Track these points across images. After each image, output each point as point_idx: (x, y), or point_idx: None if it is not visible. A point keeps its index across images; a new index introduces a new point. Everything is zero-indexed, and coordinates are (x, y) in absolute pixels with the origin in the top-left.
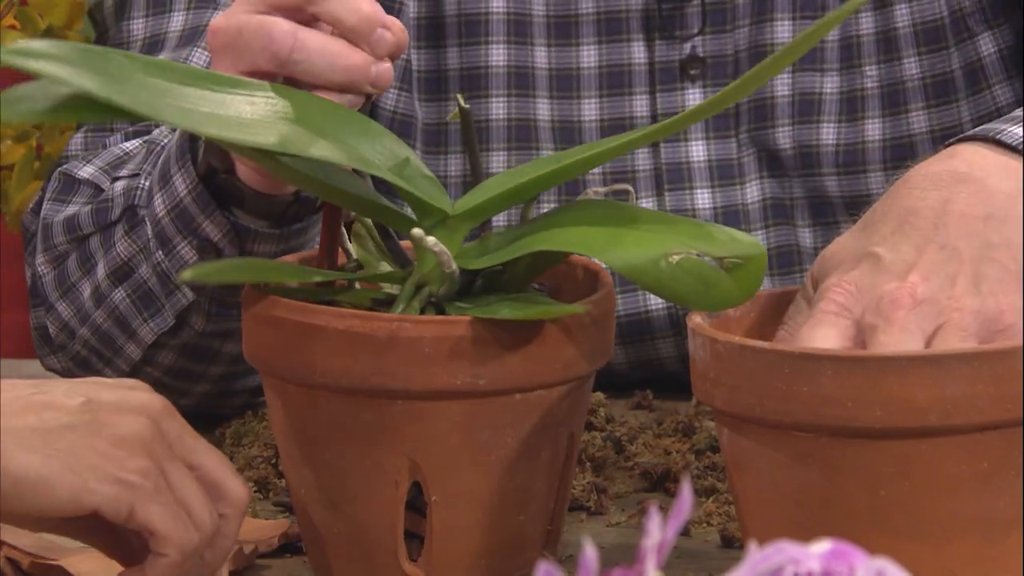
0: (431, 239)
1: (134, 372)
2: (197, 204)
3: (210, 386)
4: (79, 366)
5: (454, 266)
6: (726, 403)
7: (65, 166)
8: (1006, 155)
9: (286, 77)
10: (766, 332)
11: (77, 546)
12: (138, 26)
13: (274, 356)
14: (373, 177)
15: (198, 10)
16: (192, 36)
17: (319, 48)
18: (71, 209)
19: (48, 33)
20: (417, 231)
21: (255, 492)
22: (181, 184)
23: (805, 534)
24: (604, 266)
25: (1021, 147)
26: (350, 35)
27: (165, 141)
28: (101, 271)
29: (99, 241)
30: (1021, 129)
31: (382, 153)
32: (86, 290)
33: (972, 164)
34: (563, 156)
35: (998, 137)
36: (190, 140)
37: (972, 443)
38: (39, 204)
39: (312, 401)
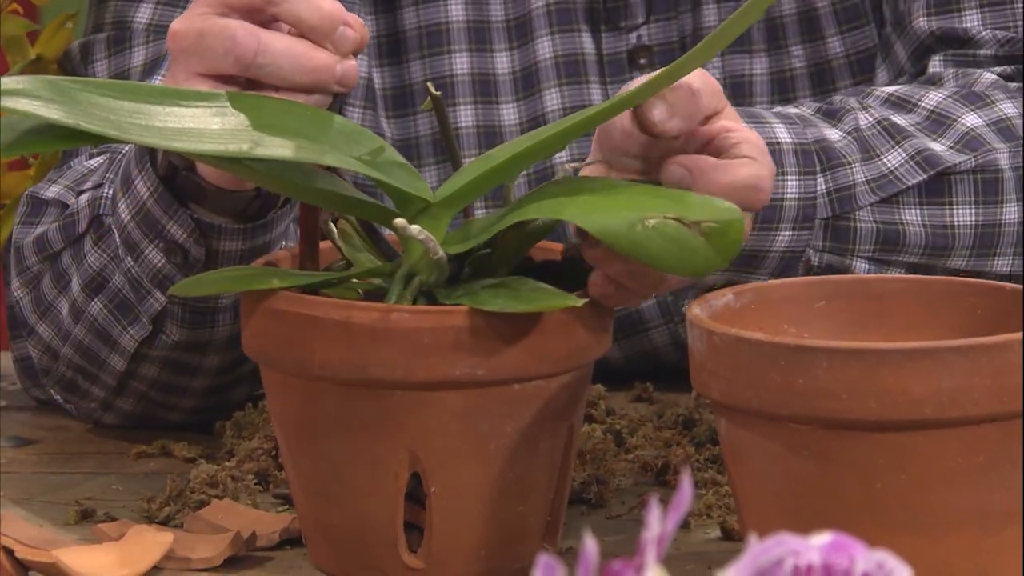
0: (415, 227)
1: (120, 387)
2: (160, 205)
3: (196, 400)
4: (66, 389)
5: (441, 252)
6: (723, 395)
7: (31, 189)
8: None
9: (248, 80)
10: (766, 324)
11: (74, 539)
12: (102, 67)
13: (272, 348)
14: (363, 178)
15: (157, 42)
16: (154, 67)
17: (283, 50)
18: (40, 229)
19: (36, 62)
20: (400, 220)
21: (255, 484)
22: (142, 187)
23: (802, 526)
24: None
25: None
26: (312, 34)
27: (126, 149)
28: (76, 286)
29: (71, 256)
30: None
31: (356, 148)
32: (64, 307)
33: None
34: (534, 135)
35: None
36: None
37: (968, 436)
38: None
39: (311, 393)
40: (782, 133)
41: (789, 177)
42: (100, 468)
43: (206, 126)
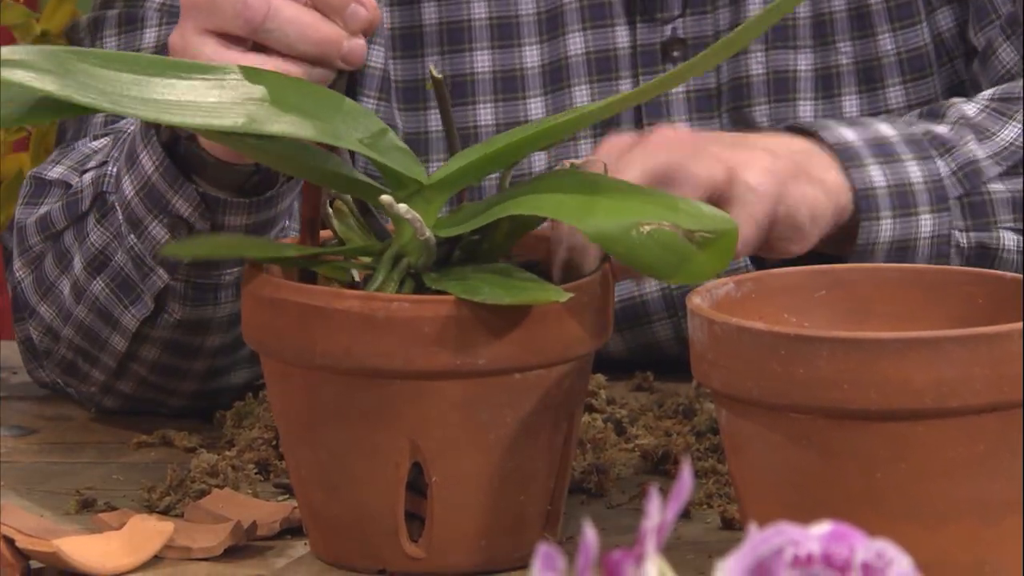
0: (402, 206)
1: (120, 369)
2: (165, 179)
3: (196, 384)
4: (67, 372)
5: (428, 233)
6: (724, 384)
7: (35, 170)
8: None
9: (256, 43)
10: (766, 313)
11: (74, 528)
12: (111, 44)
13: (273, 337)
14: (360, 158)
15: (170, 24)
16: (165, 50)
17: (292, 18)
18: (43, 210)
19: (41, 38)
20: (386, 197)
21: (256, 474)
22: (147, 161)
23: (802, 515)
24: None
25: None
26: (323, 7)
27: (131, 128)
28: (78, 265)
29: (73, 235)
30: (845, 130)
31: (355, 128)
32: (65, 287)
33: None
34: (540, 123)
35: (821, 133)
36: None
37: (969, 425)
38: (13, 218)
39: (312, 382)
40: (886, 129)
41: (908, 163)
42: (101, 457)
43: (203, 99)
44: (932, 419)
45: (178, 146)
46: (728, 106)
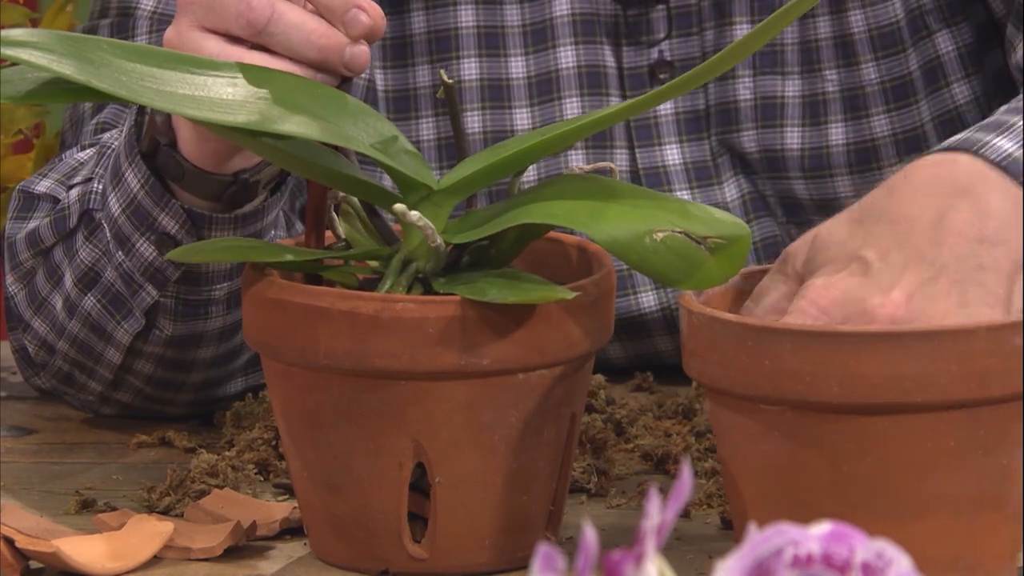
0: (414, 214)
1: (117, 381)
2: (151, 196)
3: (193, 395)
4: (63, 382)
5: (439, 240)
6: (701, 374)
7: (23, 183)
8: (997, 171)
9: (256, 44)
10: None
11: (74, 529)
12: None
13: (276, 338)
14: (364, 158)
15: (160, 32)
16: None
17: (296, 23)
18: (32, 224)
19: None
20: (400, 206)
21: (255, 474)
22: (133, 179)
23: (774, 505)
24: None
25: (1005, 164)
26: (324, 12)
27: (115, 144)
28: (68, 281)
29: (63, 251)
30: (1007, 143)
31: (364, 130)
32: (58, 303)
33: (973, 176)
34: (545, 131)
35: (982, 152)
36: (136, 134)
37: (936, 421)
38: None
39: (315, 383)
40: None
41: None
42: (100, 458)
43: (216, 95)
44: (895, 414)
45: (157, 154)
46: (716, 129)
